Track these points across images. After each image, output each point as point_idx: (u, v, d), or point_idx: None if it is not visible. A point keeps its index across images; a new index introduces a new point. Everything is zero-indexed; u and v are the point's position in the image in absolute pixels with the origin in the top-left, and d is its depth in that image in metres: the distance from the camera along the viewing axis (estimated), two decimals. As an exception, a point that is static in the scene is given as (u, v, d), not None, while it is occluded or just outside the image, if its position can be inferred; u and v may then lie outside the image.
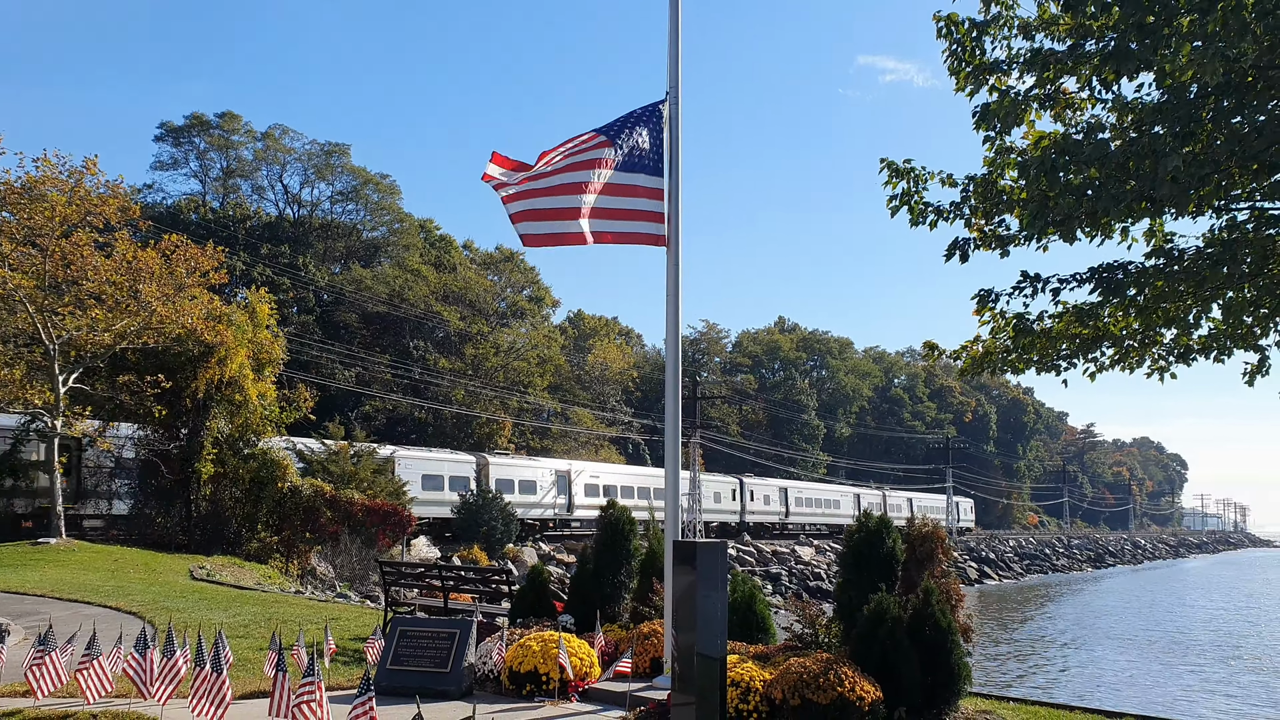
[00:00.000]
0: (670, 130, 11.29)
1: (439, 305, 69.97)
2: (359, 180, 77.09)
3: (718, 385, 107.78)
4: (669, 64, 11.41)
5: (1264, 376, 10.24)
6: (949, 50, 9.16)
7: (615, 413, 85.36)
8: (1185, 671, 30.91)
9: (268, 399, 32.11)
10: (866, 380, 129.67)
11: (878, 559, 11.09)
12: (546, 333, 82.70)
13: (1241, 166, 7.75)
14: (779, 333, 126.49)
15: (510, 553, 42.89)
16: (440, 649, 10.95)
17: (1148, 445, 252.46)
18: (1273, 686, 28.65)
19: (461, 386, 68.10)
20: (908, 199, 10.04)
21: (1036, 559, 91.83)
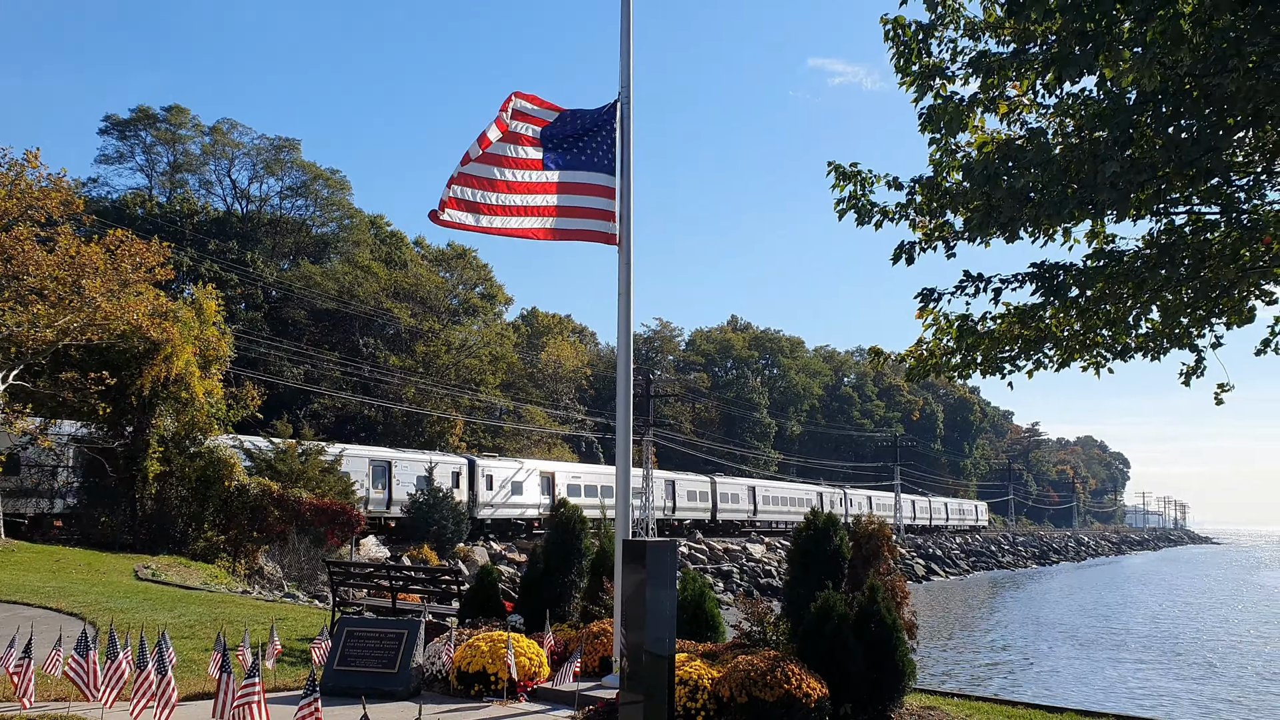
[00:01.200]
0: (622, 130, 11.32)
1: (389, 302, 69.41)
2: (309, 175, 76.23)
3: (671, 383, 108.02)
4: (621, 65, 11.44)
5: (1199, 377, 10.47)
6: (896, 52, 9.27)
7: (569, 411, 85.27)
8: (1125, 666, 31.53)
9: (215, 397, 31.68)
10: (817, 379, 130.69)
11: (825, 557, 11.22)
12: (499, 330, 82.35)
13: (1179, 172, 7.92)
14: (732, 331, 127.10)
15: (461, 552, 42.67)
16: (388, 649, 10.89)
17: (1091, 444, 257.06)
18: (1209, 681, 29.30)
19: (412, 384, 67.62)
20: (855, 202, 10.14)
21: (983, 556, 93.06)
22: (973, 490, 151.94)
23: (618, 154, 11.19)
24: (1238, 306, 9.92)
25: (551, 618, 12.37)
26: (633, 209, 11.25)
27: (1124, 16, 7.55)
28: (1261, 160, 9.07)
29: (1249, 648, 37.05)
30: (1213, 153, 7.67)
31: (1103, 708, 15.34)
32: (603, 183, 11.04)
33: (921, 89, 8.94)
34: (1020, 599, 59.29)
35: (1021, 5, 7.26)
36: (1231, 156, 8.52)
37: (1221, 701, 25.69)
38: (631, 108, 11.35)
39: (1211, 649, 36.16)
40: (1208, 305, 9.46)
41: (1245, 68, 7.07)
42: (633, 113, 11.35)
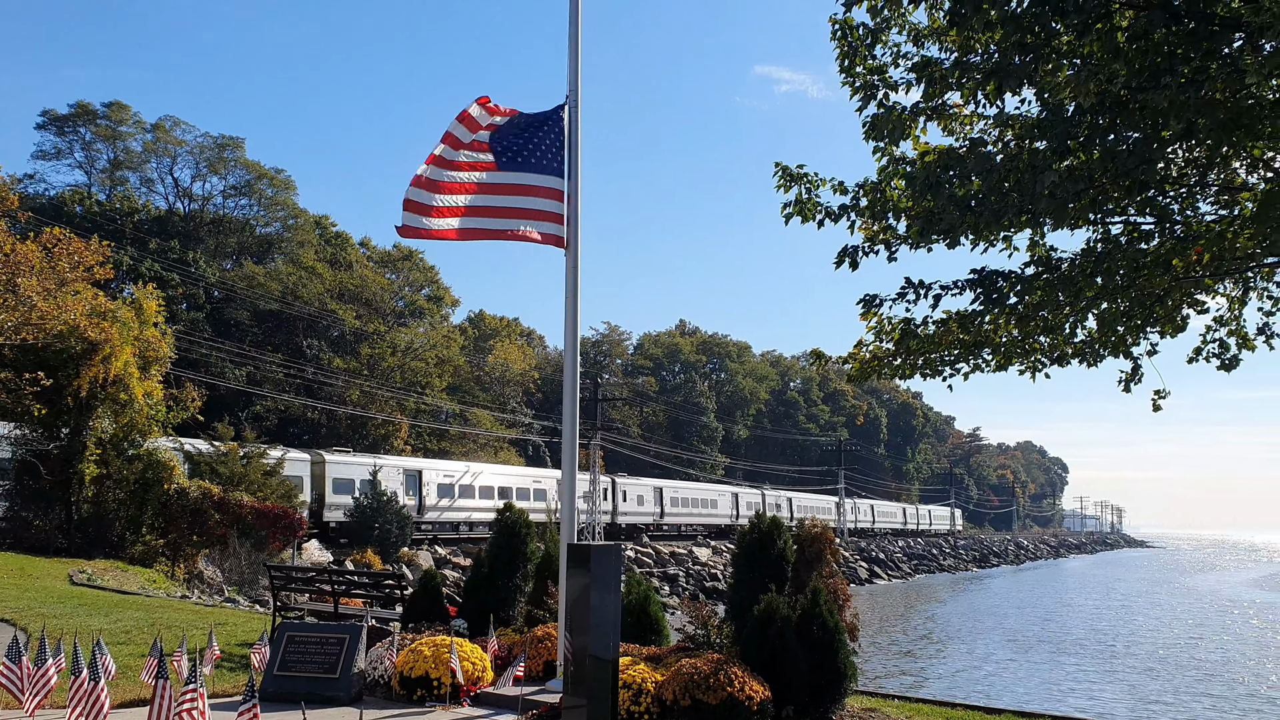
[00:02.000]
0: (570, 133, 11.33)
1: (334, 303, 68.68)
2: (253, 175, 75.16)
3: (619, 387, 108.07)
4: (569, 68, 11.44)
5: (1138, 384, 10.71)
6: (842, 53, 9.37)
7: (515, 414, 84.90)
8: (1062, 668, 32.08)
9: (154, 398, 31.10)
10: (764, 383, 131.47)
11: (769, 560, 11.29)
12: (446, 333, 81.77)
13: (1115, 183, 8.10)
14: (680, 335, 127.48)
15: (405, 556, 42.34)
16: (329, 654, 10.77)
17: (1031, 449, 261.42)
18: (1145, 682, 29.92)
19: (357, 387, 66.94)
20: (801, 204, 10.25)
21: (924, 559, 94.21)
22: (915, 494, 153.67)
23: (565, 157, 11.20)
24: (1171, 316, 10.17)
25: (496, 622, 12.33)
26: (580, 212, 11.26)
27: (1063, 30, 7.71)
28: (1194, 173, 9.32)
29: (1183, 650, 37.89)
30: (1147, 165, 7.85)
31: (1040, 708, 15.60)
32: (550, 185, 11.03)
33: (866, 96, 9.06)
34: (960, 602, 60.09)
35: (964, 15, 7.39)
36: (1165, 169, 8.74)
37: (1156, 703, 26.24)
38: (579, 111, 11.37)
39: (1147, 651, 36.92)
40: (1143, 314, 9.68)
41: (1178, 83, 7.25)
42: (580, 116, 11.37)
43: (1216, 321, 10.86)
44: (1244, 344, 10.83)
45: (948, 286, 9.77)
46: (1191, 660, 34.63)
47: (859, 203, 10.14)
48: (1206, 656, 35.75)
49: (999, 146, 8.98)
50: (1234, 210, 9.22)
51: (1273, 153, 9.29)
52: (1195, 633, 43.86)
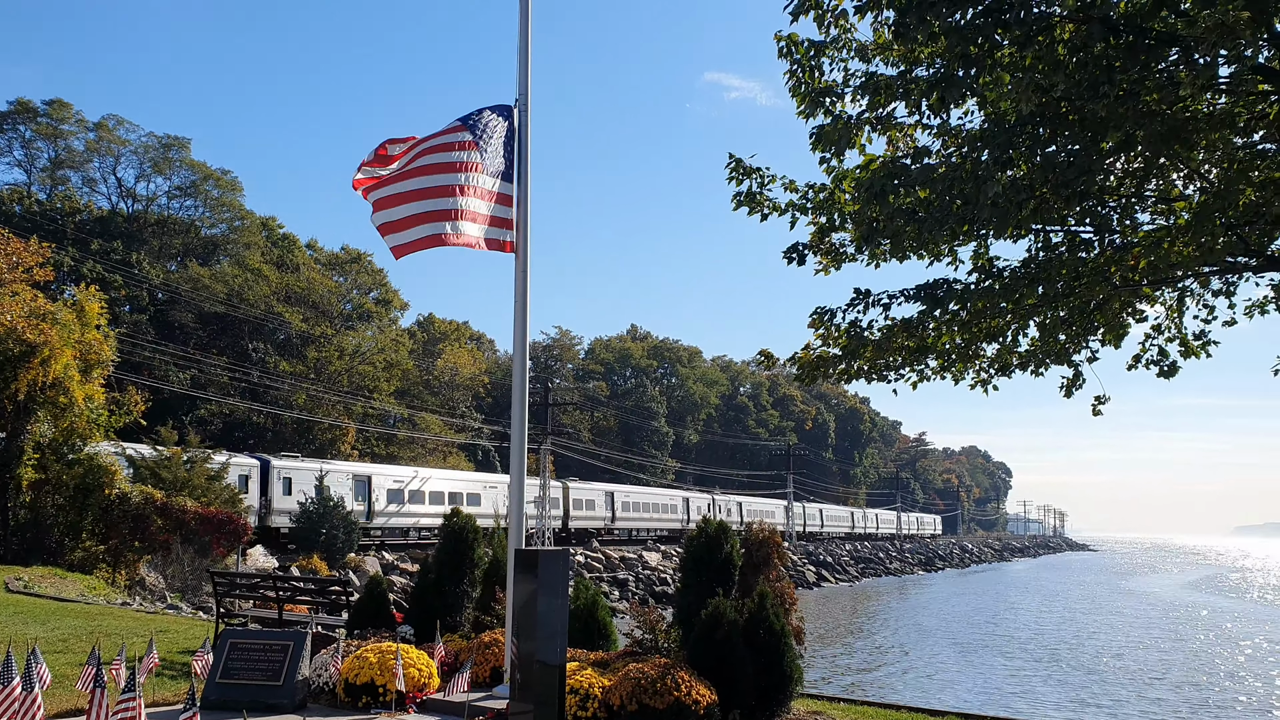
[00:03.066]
0: (519, 137, 11.30)
1: (280, 306, 67.84)
2: (198, 175, 74.05)
3: (570, 391, 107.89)
4: (519, 72, 11.42)
5: (1079, 390, 10.92)
6: (790, 71, 9.46)
7: (465, 419, 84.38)
8: (1006, 670, 32.53)
9: (95, 402, 30.48)
10: (714, 388, 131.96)
11: (716, 564, 11.35)
12: (394, 336, 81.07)
13: (1055, 192, 8.25)
14: (631, 340, 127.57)
15: (352, 562, 41.90)
16: (273, 661, 10.65)
17: (975, 454, 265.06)
18: (1086, 684, 30.42)
19: (303, 390, 66.16)
20: (752, 197, 10.32)
21: (871, 563, 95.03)
22: (862, 498, 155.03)
23: (515, 161, 11.17)
24: (1112, 323, 10.39)
25: (443, 628, 12.26)
26: (529, 216, 11.24)
27: (1005, 41, 7.84)
28: (1132, 184, 9.52)
29: (1124, 652, 38.58)
30: (1087, 175, 8.01)
31: (983, 711, 15.83)
32: (499, 189, 11.00)
33: (813, 107, 9.14)
34: (906, 604, 60.71)
35: (908, 27, 7.49)
36: (1104, 179, 8.92)
37: (1097, 705, 26.68)
38: (529, 115, 11.35)
39: (1089, 654, 37.55)
40: (1083, 322, 9.87)
41: (1116, 94, 7.40)
42: (530, 120, 11.35)
43: (1155, 329, 11.11)
44: (1185, 351, 11.09)
45: (895, 296, 9.89)
46: (1132, 663, 35.28)
47: (808, 203, 10.26)
48: (1146, 659, 36.44)
49: (942, 157, 9.11)
50: (1170, 220, 9.43)
51: (1208, 164, 9.52)
52: (1136, 635, 44.69)
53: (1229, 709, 26.61)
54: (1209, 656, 37.60)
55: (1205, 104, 8.50)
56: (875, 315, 9.97)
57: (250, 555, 36.70)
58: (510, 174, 11.10)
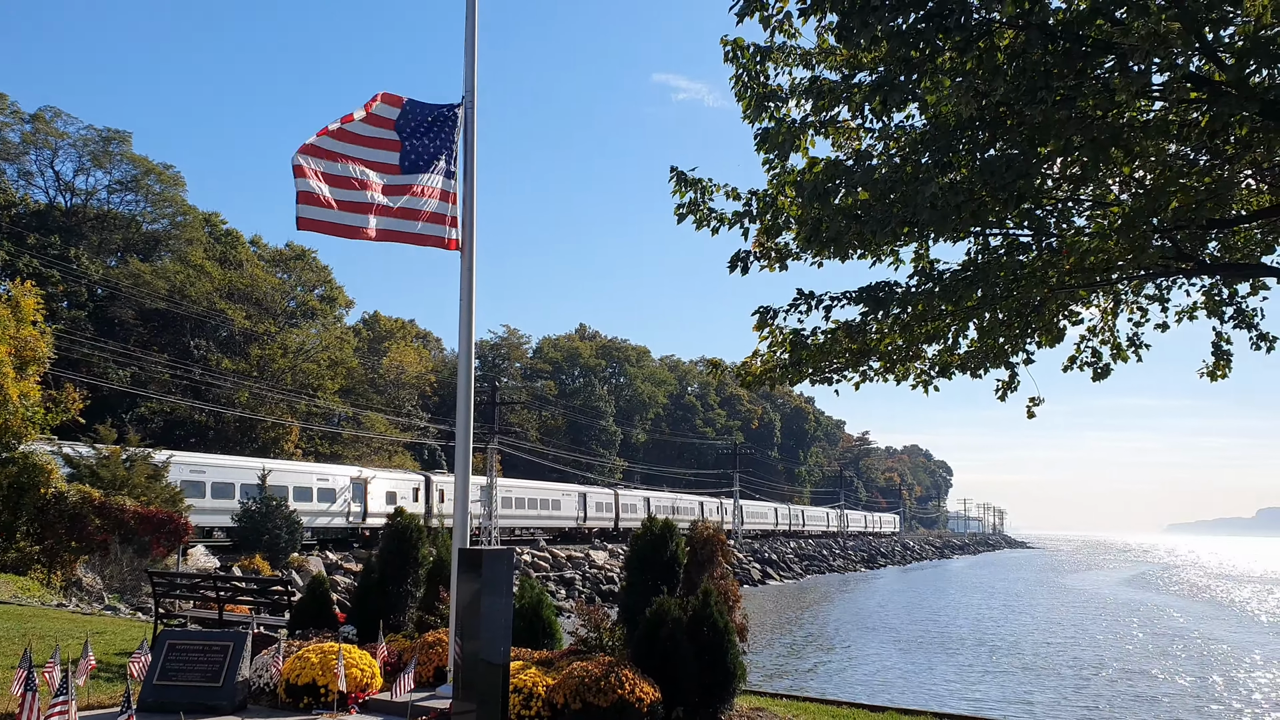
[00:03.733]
0: (465, 135, 11.27)
1: (223, 303, 66.82)
2: (139, 170, 72.59)
3: (518, 390, 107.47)
4: (465, 69, 11.38)
5: (1014, 392, 11.12)
6: (736, 74, 9.54)
7: (411, 418, 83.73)
8: (946, 666, 32.99)
9: (30, 399, 29.78)
10: (662, 388, 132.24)
11: (661, 563, 11.40)
12: (339, 334, 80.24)
13: (994, 195, 8.39)
14: (580, 340, 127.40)
15: (295, 562, 41.41)
16: (212, 662, 10.51)
17: (917, 453, 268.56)
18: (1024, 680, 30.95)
19: (246, 388, 65.24)
20: (695, 208, 10.38)
21: (815, 560, 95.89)
22: (806, 496, 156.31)
23: (460, 158, 11.13)
24: (1048, 326, 10.59)
25: (386, 628, 12.17)
26: (475, 214, 11.22)
27: (945, 46, 7.97)
28: (1069, 188, 9.71)
29: (1062, 649, 39.30)
30: (1024, 179, 8.16)
31: (924, 706, 16.05)
32: (445, 187, 10.95)
33: (758, 110, 9.22)
34: (849, 602, 61.30)
35: (851, 31, 7.58)
36: (1042, 183, 9.09)
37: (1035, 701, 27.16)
38: (475, 112, 11.32)
39: (1028, 650, 38.20)
40: (1020, 324, 10.05)
41: (1053, 99, 7.56)
42: (476, 117, 11.32)
43: (1090, 332, 11.35)
44: (1117, 354, 11.35)
45: (837, 298, 10.00)
46: (1070, 659, 35.95)
47: (752, 210, 10.32)
48: (1083, 655, 37.16)
49: (884, 159, 9.24)
50: (1105, 224, 9.64)
51: (1142, 170, 9.74)
52: (1073, 632, 45.54)
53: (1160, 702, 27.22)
54: (1143, 651, 38.43)
55: (1139, 110, 8.70)
56: (817, 318, 10.08)
57: (191, 555, 36.14)
58: (455, 171, 11.05)
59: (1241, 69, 7.32)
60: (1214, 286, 11.18)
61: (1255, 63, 7.31)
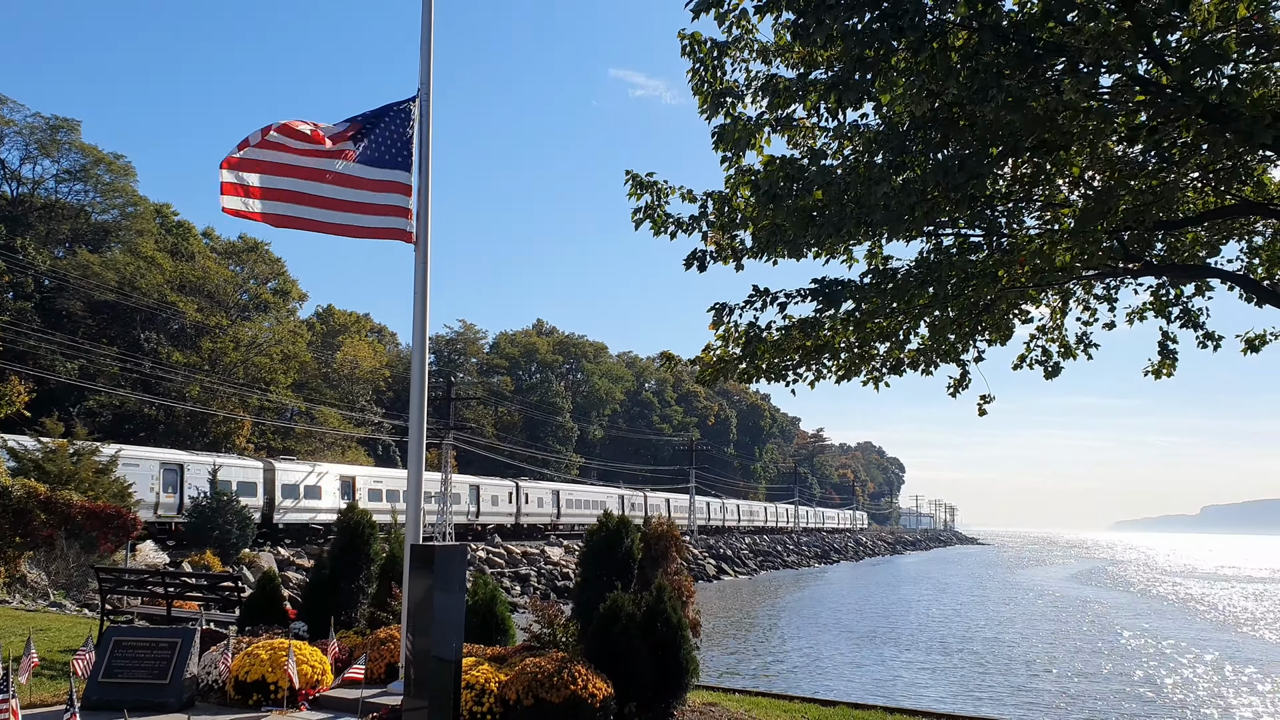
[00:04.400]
0: (421, 127, 11.19)
1: (174, 295, 65.82)
2: (89, 159, 71.23)
3: (474, 386, 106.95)
4: (421, 61, 11.30)
5: (965, 389, 11.25)
6: (692, 69, 9.54)
7: (365, 413, 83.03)
8: (897, 661, 33.31)
9: (-28, 392, 29.27)
10: (619, 384, 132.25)
11: (616, 558, 11.41)
12: (292, 328, 79.33)
13: (946, 196, 8.48)
14: (537, 335, 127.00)
15: (247, 558, 40.95)
16: (159, 659, 10.37)
17: (870, 449, 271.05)
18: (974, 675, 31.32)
19: (197, 382, 64.36)
20: (651, 211, 10.38)
21: (770, 555, 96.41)
22: (762, 492, 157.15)
23: (416, 151, 11.05)
24: (999, 324, 10.72)
25: (338, 624, 12.07)
26: (430, 207, 11.14)
27: (900, 46, 8.03)
28: (1020, 189, 9.83)
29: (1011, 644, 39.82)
30: (976, 179, 8.25)
31: (875, 701, 16.19)
32: (400, 179, 10.86)
33: (714, 106, 9.24)
34: (803, 597, 61.71)
35: (807, 29, 7.62)
36: (993, 183, 9.19)
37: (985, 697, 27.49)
38: (431, 104, 11.24)
39: (979, 645, 38.67)
40: (971, 322, 10.16)
41: (1005, 101, 7.64)
42: (432, 109, 11.24)
43: (1040, 330, 11.52)
44: (1066, 352, 11.53)
45: (792, 295, 10.05)
46: (1020, 654, 36.44)
47: (707, 212, 10.34)
48: (1033, 650, 37.68)
49: (839, 159, 9.29)
50: (1055, 225, 9.77)
51: (1091, 172, 9.89)
52: (1022, 628, 46.17)
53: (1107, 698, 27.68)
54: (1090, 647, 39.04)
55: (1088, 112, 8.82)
56: (772, 314, 10.12)
57: (140, 551, 35.60)
58: (410, 164, 10.97)
59: (1187, 72, 7.44)
60: (1161, 287, 11.39)
61: (1200, 67, 7.44)
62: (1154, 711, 25.77)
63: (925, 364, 10.61)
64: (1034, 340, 11.44)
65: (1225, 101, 7.44)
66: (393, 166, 10.83)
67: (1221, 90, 7.52)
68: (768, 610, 52.51)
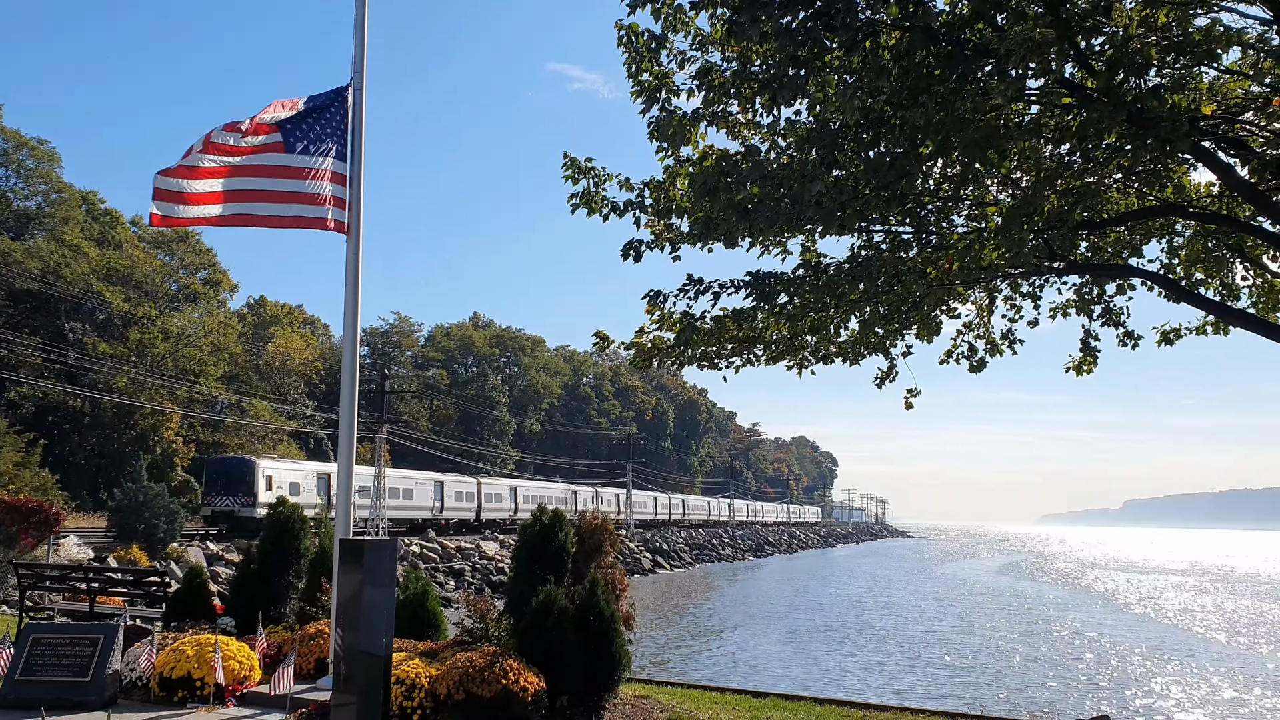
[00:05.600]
0: (354, 116, 11.05)
1: (101, 285, 64.28)
2: (10, 144, 69.23)
3: (408, 379, 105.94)
4: (354, 49, 11.18)
5: (892, 382, 11.43)
6: (628, 59, 9.54)
7: (297, 406, 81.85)
8: (827, 652, 33.73)
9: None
10: (557, 378, 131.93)
11: (550, 553, 11.41)
12: (223, 319, 77.89)
13: (877, 194, 8.59)
14: (473, 328, 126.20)
15: (174, 553, 40.15)
16: (80, 656, 10.16)
17: (805, 444, 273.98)
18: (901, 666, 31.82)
19: (124, 373, 62.93)
20: (588, 197, 10.38)
21: (705, 549, 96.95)
22: (698, 486, 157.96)
23: (348, 140, 10.92)
24: (926, 320, 10.89)
25: (267, 620, 11.93)
26: (363, 197, 11.03)
27: (833, 45, 8.11)
28: (949, 188, 9.99)
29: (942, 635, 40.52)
30: (906, 178, 8.36)
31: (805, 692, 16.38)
32: (334, 169, 10.72)
33: (650, 99, 9.26)
34: (737, 590, 62.17)
35: (742, 26, 7.67)
36: (923, 182, 9.33)
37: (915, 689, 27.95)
38: (364, 93, 11.11)
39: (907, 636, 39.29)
40: (900, 318, 10.32)
41: (934, 102, 7.76)
42: (365, 99, 11.12)
43: (966, 326, 11.74)
44: (991, 348, 11.77)
45: (725, 285, 10.12)
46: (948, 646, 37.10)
47: (644, 200, 10.37)
48: (961, 641, 38.38)
49: (774, 155, 9.37)
50: (983, 224, 9.95)
51: (1019, 172, 10.08)
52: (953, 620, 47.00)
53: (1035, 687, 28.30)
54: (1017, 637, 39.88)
55: (1016, 114, 9.00)
56: (705, 304, 10.18)
57: (63, 546, 34.76)
58: (344, 153, 10.84)
59: (1111, 77, 7.62)
60: (1084, 285, 11.67)
61: (1124, 72, 7.63)
62: (1078, 697, 26.39)
63: (853, 355, 10.77)
64: (960, 336, 11.66)
65: (1147, 107, 7.63)
66: (327, 155, 10.69)
67: (1144, 96, 7.71)
68: (702, 603, 52.83)
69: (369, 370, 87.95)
